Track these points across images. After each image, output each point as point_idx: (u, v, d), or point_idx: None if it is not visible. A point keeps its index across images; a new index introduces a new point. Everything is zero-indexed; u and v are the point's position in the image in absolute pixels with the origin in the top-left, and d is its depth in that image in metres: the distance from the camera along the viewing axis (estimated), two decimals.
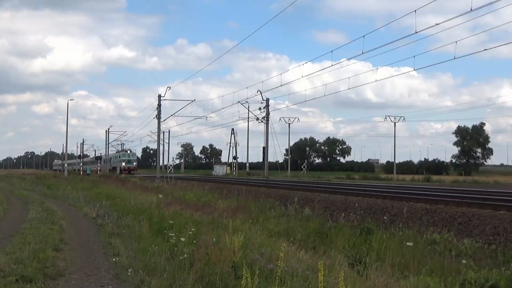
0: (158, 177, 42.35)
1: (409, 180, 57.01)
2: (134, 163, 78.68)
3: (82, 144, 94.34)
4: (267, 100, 45.27)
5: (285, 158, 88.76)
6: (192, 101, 47.08)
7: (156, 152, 54.83)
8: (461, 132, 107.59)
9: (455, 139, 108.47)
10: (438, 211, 13.74)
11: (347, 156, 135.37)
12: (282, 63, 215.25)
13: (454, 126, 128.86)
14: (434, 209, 14.03)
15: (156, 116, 44.67)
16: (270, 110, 47.37)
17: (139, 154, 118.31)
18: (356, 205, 16.56)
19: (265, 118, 47.53)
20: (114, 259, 8.41)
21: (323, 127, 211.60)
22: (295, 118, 77.89)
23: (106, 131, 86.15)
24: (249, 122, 60.45)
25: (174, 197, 21.28)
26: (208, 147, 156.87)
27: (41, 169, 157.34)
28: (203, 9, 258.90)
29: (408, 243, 9.74)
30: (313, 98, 72.48)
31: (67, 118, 74.93)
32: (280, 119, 76.39)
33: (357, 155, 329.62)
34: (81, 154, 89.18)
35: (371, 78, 67.16)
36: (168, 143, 62.06)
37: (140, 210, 14.81)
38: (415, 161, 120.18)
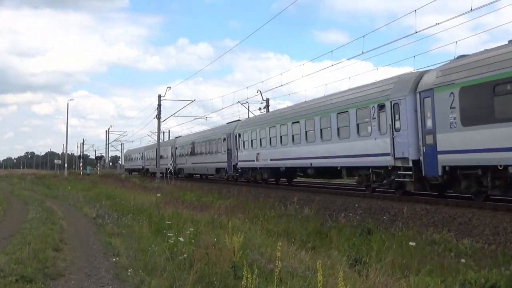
0: (158, 177, 42.37)
1: None
2: None
3: (82, 144, 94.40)
4: (267, 100, 45.19)
5: None
6: (192, 101, 47.43)
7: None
8: None
9: None
10: (438, 211, 13.73)
11: None
12: (283, 63, 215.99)
13: None
14: (434, 209, 14.02)
15: (156, 116, 44.66)
16: (270, 110, 47.33)
17: None
18: (356, 205, 16.56)
19: None
20: (114, 259, 8.42)
21: None
22: None
23: (106, 131, 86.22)
24: None
25: (174, 197, 21.27)
26: None
27: (41, 169, 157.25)
28: (204, 9, 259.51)
29: (410, 243, 9.74)
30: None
31: (67, 118, 75.31)
32: None
33: None
34: (81, 154, 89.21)
35: (371, 78, 67.18)
36: None
37: (140, 210, 14.82)
38: None
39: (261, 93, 41.28)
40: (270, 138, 26.11)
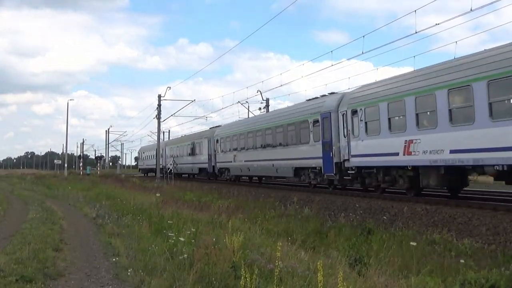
0: (158, 177, 42.43)
1: None
2: None
3: (82, 144, 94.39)
4: (267, 100, 45.23)
5: None
6: (192, 101, 47.62)
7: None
8: None
9: None
10: (438, 211, 13.73)
11: None
12: (283, 63, 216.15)
13: None
14: (434, 209, 14.02)
15: (156, 116, 44.69)
16: (270, 110, 47.35)
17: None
18: (356, 205, 16.56)
19: None
20: (114, 259, 8.42)
21: None
22: None
23: (106, 131, 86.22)
24: None
25: (174, 197, 21.28)
26: None
27: (41, 169, 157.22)
28: (204, 9, 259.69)
29: (412, 243, 9.75)
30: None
31: (67, 118, 75.40)
32: None
33: None
34: (81, 154, 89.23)
35: (371, 78, 67.07)
36: None
37: (140, 210, 14.81)
38: None
39: (261, 93, 41.25)
40: (450, 110, 13.73)
